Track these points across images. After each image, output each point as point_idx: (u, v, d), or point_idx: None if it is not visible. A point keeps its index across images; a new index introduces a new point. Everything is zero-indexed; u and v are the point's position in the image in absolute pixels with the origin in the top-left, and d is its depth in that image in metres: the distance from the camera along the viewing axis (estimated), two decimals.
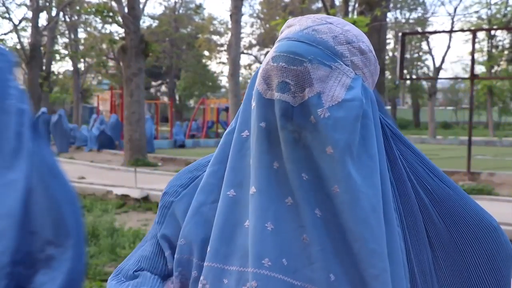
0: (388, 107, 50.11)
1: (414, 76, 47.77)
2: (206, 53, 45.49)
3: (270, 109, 0.89)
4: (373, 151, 0.89)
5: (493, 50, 40.43)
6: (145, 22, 40.98)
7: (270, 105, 0.89)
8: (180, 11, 45.25)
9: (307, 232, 0.87)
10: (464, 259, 0.96)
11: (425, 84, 40.98)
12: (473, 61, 13.25)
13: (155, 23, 41.10)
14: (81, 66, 34.62)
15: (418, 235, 0.94)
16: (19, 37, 25.76)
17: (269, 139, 0.90)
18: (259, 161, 0.91)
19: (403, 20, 44.64)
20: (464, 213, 0.97)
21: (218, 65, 52.68)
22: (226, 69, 50.70)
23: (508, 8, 36.32)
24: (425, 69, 49.31)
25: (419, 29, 39.18)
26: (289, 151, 0.88)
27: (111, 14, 16.33)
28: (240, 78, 19.16)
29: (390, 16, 40.26)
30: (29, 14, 25.96)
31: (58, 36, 33.25)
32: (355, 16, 10.39)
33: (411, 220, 0.94)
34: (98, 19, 29.19)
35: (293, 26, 0.94)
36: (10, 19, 26.47)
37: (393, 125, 1.00)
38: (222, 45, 44.59)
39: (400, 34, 14.34)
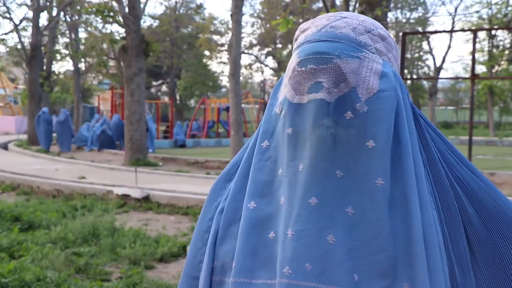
0: None
1: (414, 76, 47.74)
2: (207, 52, 45.45)
3: (298, 113, 0.88)
4: (404, 137, 0.87)
5: (494, 50, 40.42)
6: (146, 22, 40.98)
7: (298, 109, 0.88)
8: (181, 11, 45.23)
9: (333, 232, 0.85)
10: (499, 251, 0.92)
11: (425, 83, 40.97)
12: (473, 60, 13.23)
13: (155, 23, 41.06)
14: (82, 66, 34.61)
15: (453, 219, 0.92)
16: (19, 37, 25.72)
17: (296, 144, 0.88)
18: (287, 169, 0.89)
19: (404, 20, 44.58)
20: (496, 206, 0.94)
21: (219, 65, 52.65)
22: (226, 69, 50.72)
23: (509, 8, 36.28)
24: (425, 69, 49.29)
25: (420, 29, 39.15)
26: (323, 149, 0.86)
27: (111, 14, 16.33)
28: (241, 78, 19.16)
29: (390, 16, 40.23)
30: (30, 14, 25.93)
31: (59, 36, 33.22)
32: None
33: (446, 204, 0.92)
34: (98, 19, 29.16)
35: (309, 29, 0.93)
36: (10, 19, 26.44)
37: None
38: (222, 44, 44.58)
39: (400, 33, 14.32)
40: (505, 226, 0.93)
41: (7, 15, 26.33)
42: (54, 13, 27.05)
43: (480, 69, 39.47)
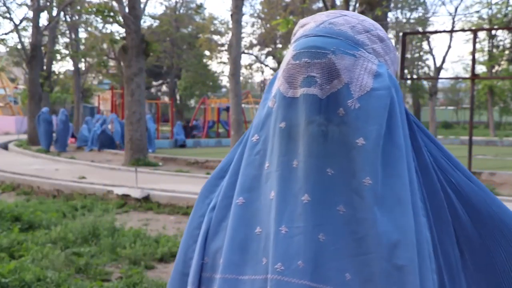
0: None
1: (415, 76, 47.74)
2: (207, 52, 45.46)
3: (291, 108, 0.87)
4: (399, 140, 0.86)
5: (494, 50, 40.42)
6: (146, 22, 40.98)
7: (291, 103, 0.87)
8: (181, 11, 45.23)
9: (324, 231, 0.85)
10: (491, 256, 0.92)
11: (426, 84, 40.98)
12: (473, 61, 13.23)
13: (156, 23, 41.06)
14: (82, 66, 34.60)
15: (444, 226, 0.91)
16: (20, 37, 25.72)
17: (288, 138, 0.87)
18: (278, 164, 0.88)
19: (404, 20, 44.58)
20: (490, 210, 0.93)
21: (219, 65, 52.65)
22: (227, 69, 50.69)
23: (509, 8, 36.27)
24: (426, 69, 49.27)
25: (420, 29, 39.17)
26: (314, 146, 0.85)
27: (112, 14, 16.33)
28: (241, 78, 19.17)
29: (391, 16, 40.22)
30: (30, 14, 25.92)
31: (59, 36, 33.22)
32: None
33: (437, 211, 0.91)
34: (99, 19, 29.16)
35: (308, 24, 0.93)
36: (11, 19, 26.44)
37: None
38: (222, 44, 44.58)
39: (401, 34, 14.33)
40: (498, 232, 0.92)
41: (7, 15, 26.35)
42: (54, 13, 27.05)
43: (480, 69, 39.47)
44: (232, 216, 0.93)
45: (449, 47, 46.35)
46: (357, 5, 12.07)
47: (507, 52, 41.80)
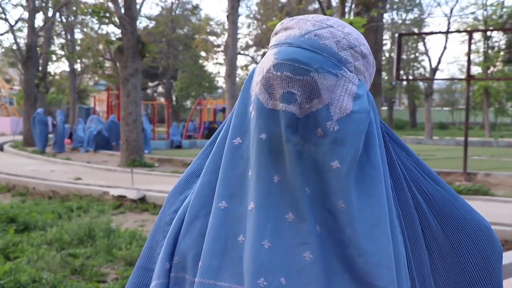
0: (385, 108, 50.20)
1: (410, 77, 47.81)
2: (203, 53, 45.43)
3: (272, 120, 0.84)
4: (376, 160, 0.86)
5: (489, 51, 40.54)
6: (142, 23, 40.95)
7: (272, 115, 0.84)
8: (177, 12, 45.21)
9: (310, 249, 0.84)
10: (459, 261, 0.95)
11: (421, 84, 41.04)
12: (469, 62, 13.28)
13: (151, 24, 41.02)
14: (78, 66, 34.55)
15: (417, 239, 0.93)
16: (15, 38, 25.68)
17: (269, 151, 0.85)
18: (258, 175, 0.87)
19: (400, 21, 44.68)
20: (459, 215, 0.96)
21: (215, 66, 52.75)
22: (223, 70, 50.61)
23: (504, 9, 36.39)
24: (421, 70, 49.38)
25: (416, 30, 39.24)
26: (293, 164, 0.84)
27: (107, 14, 16.30)
28: (237, 79, 19.18)
29: (386, 17, 40.27)
30: (26, 15, 25.86)
31: (55, 37, 33.18)
32: (351, 17, 10.40)
33: (410, 224, 0.93)
34: (94, 20, 29.17)
35: (292, 30, 0.89)
36: (6, 20, 26.39)
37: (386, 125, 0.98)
38: (219, 45, 44.56)
39: (396, 35, 14.36)
40: (465, 234, 0.96)
41: (3, 15, 26.29)
42: (50, 14, 27.01)
43: (476, 70, 39.58)
44: (214, 219, 0.91)
45: (445, 48, 46.41)
46: (353, 6, 12.09)
47: (502, 53, 41.92)
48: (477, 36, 39.22)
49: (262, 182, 0.86)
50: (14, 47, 26.47)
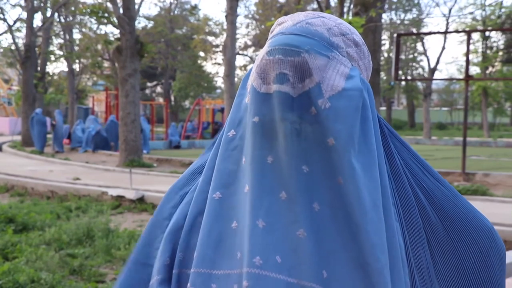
0: (383, 108, 50.25)
1: (409, 77, 47.85)
2: (202, 54, 45.44)
3: (264, 103, 0.86)
4: (371, 144, 0.87)
5: (488, 51, 40.58)
6: (140, 23, 40.95)
7: (265, 99, 0.86)
8: (176, 12, 45.21)
9: (303, 227, 0.84)
10: (460, 259, 0.96)
11: (420, 85, 41.07)
12: (467, 62, 13.28)
13: (150, 24, 41.03)
14: (76, 67, 34.52)
15: (416, 231, 0.94)
16: (13, 38, 25.63)
17: (262, 133, 0.87)
18: (252, 158, 0.88)
19: (398, 21, 44.71)
20: (459, 213, 0.97)
21: (214, 66, 52.73)
22: (221, 70, 50.68)
23: (503, 10, 36.44)
24: (420, 70, 49.43)
25: (414, 30, 39.26)
26: (288, 144, 0.85)
27: (106, 15, 16.29)
28: (236, 79, 19.17)
29: (385, 17, 40.29)
30: (24, 15, 25.85)
31: (53, 37, 33.15)
32: (350, 17, 10.41)
33: (408, 215, 0.94)
34: (93, 20, 29.15)
35: (285, 23, 0.92)
36: (4, 20, 26.32)
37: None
38: (217, 46, 44.58)
39: (395, 35, 14.37)
40: (466, 233, 0.96)
41: (1, 16, 26.23)
42: (49, 14, 26.98)
43: (474, 70, 39.63)
44: (208, 210, 0.92)
45: (443, 48, 46.43)
46: (352, 6, 12.11)
47: (501, 53, 41.98)
48: (475, 36, 39.29)
49: (255, 164, 0.88)
50: (13, 47, 26.44)
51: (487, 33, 39.50)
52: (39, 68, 28.01)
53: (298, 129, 0.85)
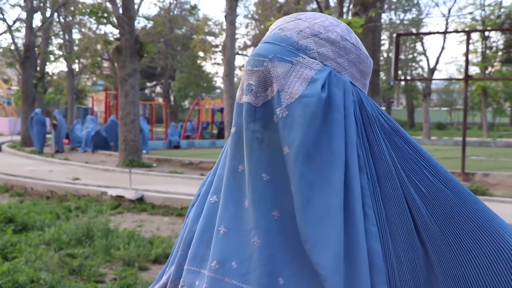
0: (383, 108, 50.22)
1: (408, 77, 47.86)
2: (201, 54, 45.45)
3: (239, 113, 0.90)
4: (337, 147, 0.84)
5: (487, 51, 40.59)
6: (140, 23, 40.92)
7: (240, 109, 0.90)
8: (175, 12, 45.21)
9: (258, 235, 0.86)
10: (461, 267, 0.86)
11: (419, 85, 41.07)
12: (467, 62, 13.29)
13: (150, 24, 41.02)
14: (76, 67, 34.50)
15: (405, 235, 0.86)
16: (13, 38, 25.60)
17: (237, 143, 0.90)
18: (227, 167, 0.92)
19: (398, 21, 44.72)
20: (467, 218, 0.87)
21: (213, 66, 52.72)
22: (221, 70, 50.69)
23: (502, 10, 36.45)
24: (419, 70, 49.44)
25: (414, 30, 39.26)
26: (249, 151, 0.88)
27: (105, 15, 16.29)
28: (235, 79, 19.17)
29: (384, 17, 40.33)
30: (23, 15, 25.83)
31: (53, 37, 33.12)
32: (349, 17, 10.41)
33: (396, 219, 0.86)
34: (92, 20, 29.12)
35: (271, 28, 0.94)
36: (4, 20, 26.30)
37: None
38: (217, 46, 44.58)
39: (394, 35, 14.37)
40: (473, 244, 0.86)
41: (0, 16, 26.22)
42: (48, 14, 26.97)
43: (474, 70, 39.65)
44: (205, 212, 0.97)
45: (443, 48, 46.49)
46: (351, 6, 12.11)
47: (500, 53, 42.00)
48: (475, 36, 39.30)
49: (229, 172, 0.92)
50: (12, 47, 26.42)
51: (486, 33, 39.51)
52: (38, 68, 27.98)
53: (260, 138, 0.87)
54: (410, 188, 0.88)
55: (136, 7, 16.54)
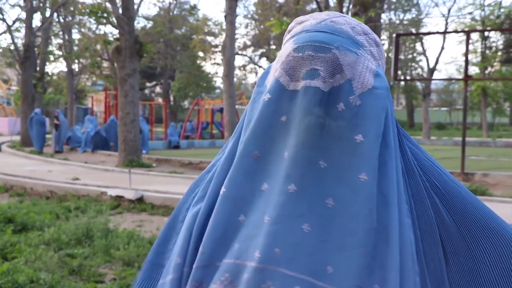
0: None
1: (408, 77, 47.88)
2: (201, 54, 45.46)
3: (292, 101, 0.87)
4: (390, 140, 0.87)
5: (487, 51, 40.62)
6: (140, 23, 40.98)
7: (292, 96, 0.87)
8: (175, 12, 45.22)
9: (309, 221, 0.84)
10: (475, 261, 0.91)
11: (419, 85, 41.09)
12: (466, 62, 13.29)
13: (149, 24, 41.07)
14: (75, 67, 34.54)
15: (428, 229, 0.91)
16: (13, 38, 25.61)
17: (287, 132, 0.87)
18: (275, 156, 0.88)
19: (398, 21, 44.73)
20: (476, 214, 0.93)
21: (213, 66, 52.75)
22: (220, 70, 50.74)
23: (502, 10, 36.47)
24: (419, 70, 49.46)
25: (413, 30, 39.27)
26: (310, 137, 0.85)
27: (105, 15, 16.29)
28: (235, 79, 19.18)
29: (384, 17, 40.32)
30: (23, 15, 25.83)
31: (52, 37, 33.13)
32: None
33: (422, 213, 0.91)
34: (92, 20, 29.12)
35: (307, 21, 0.93)
36: (3, 20, 26.31)
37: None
38: (216, 46, 44.58)
39: (394, 35, 14.37)
40: (483, 237, 0.91)
41: (0, 16, 26.23)
42: (48, 14, 26.97)
43: (473, 70, 39.68)
44: (217, 205, 0.92)
45: (442, 48, 46.57)
46: (351, 6, 12.10)
47: (500, 53, 42.02)
48: (474, 36, 39.33)
49: (275, 162, 0.88)
50: (12, 47, 26.42)
51: (486, 33, 39.53)
52: (38, 68, 27.99)
53: (322, 124, 0.85)
54: (428, 186, 0.93)
55: (135, 7, 16.54)
